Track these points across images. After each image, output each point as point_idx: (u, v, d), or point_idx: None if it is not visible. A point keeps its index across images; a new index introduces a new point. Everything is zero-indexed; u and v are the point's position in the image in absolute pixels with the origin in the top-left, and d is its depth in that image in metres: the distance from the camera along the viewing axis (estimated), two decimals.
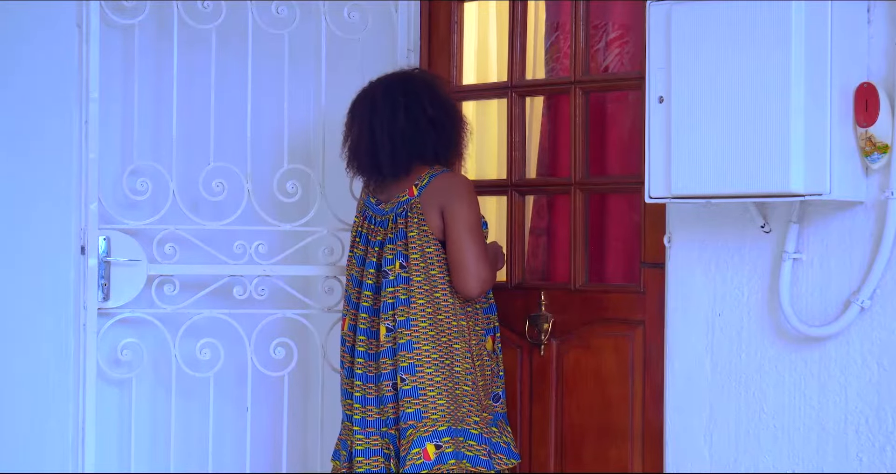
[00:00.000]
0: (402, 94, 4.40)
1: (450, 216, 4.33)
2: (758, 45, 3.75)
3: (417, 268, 4.34)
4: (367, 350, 4.40)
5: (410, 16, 4.97)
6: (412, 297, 4.33)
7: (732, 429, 4.14)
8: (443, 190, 4.36)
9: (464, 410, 4.32)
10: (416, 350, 4.30)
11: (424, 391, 4.29)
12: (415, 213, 4.37)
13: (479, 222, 4.38)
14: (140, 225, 4.67)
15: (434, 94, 4.44)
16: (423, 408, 4.29)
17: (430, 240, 4.35)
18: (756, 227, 4.09)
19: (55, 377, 4.54)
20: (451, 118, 4.46)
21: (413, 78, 4.47)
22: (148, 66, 4.77)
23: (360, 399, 4.40)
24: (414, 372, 4.29)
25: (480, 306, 4.46)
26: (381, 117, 4.39)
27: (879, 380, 3.87)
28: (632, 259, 4.64)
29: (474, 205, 4.37)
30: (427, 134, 4.39)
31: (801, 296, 4.01)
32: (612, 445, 4.49)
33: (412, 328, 4.31)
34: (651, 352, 4.39)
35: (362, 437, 4.39)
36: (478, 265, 4.31)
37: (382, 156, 4.38)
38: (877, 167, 3.83)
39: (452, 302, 4.35)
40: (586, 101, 4.65)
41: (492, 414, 4.42)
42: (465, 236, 4.32)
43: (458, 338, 4.34)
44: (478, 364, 4.39)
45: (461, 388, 4.32)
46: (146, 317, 4.67)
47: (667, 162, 3.95)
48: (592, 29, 4.69)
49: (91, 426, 4.52)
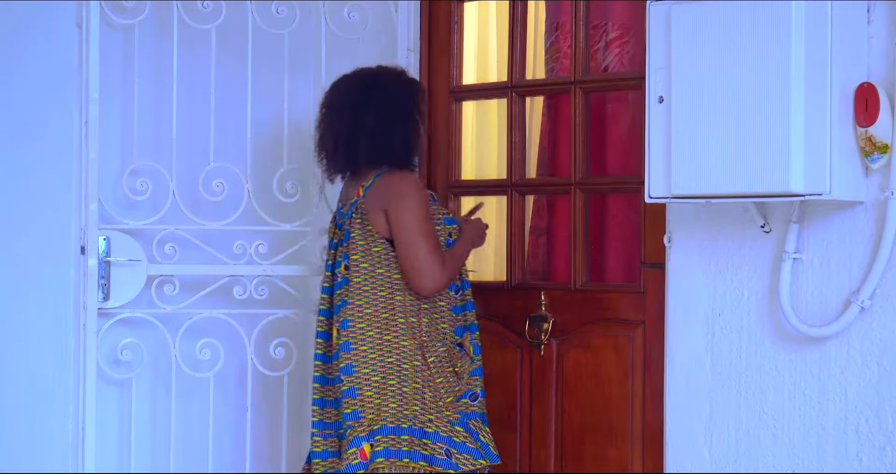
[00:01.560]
0: (355, 93, 4.37)
1: (393, 216, 4.28)
2: (758, 44, 3.76)
3: (358, 268, 4.31)
4: (325, 352, 4.40)
5: (410, 16, 4.97)
6: (350, 298, 4.30)
7: (732, 429, 4.14)
8: (385, 190, 4.31)
9: (415, 408, 4.25)
10: (353, 350, 4.27)
11: (361, 390, 4.24)
12: (359, 214, 4.33)
13: (426, 219, 4.28)
14: (140, 225, 4.67)
15: (387, 94, 4.36)
16: (361, 408, 4.24)
17: (377, 240, 4.31)
18: (756, 227, 4.09)
19: (55, 377, 4.54)
20: (403, 119, 4.37)
21: (370, 77, 4.42)
22: (148, 66, 4.77)
23: (318, 401, 4.39)
24: (351, 372, 4.26)
25: (447, 304, 4.40)
26: (331, 116, 4.39)
27: (879, 380, 3.87)
28: (632, 259, 4.64)
29: (418, 202, 4.28)
30: (377, 135, 4.33)
31: (801, 296, 4.01)
32: (612, 445, 4.49)
33: (349, 328, 4.28)
34: (651, 352, 4.39)
35: (320, 439, 4.38)
36: (427, 262, 4.25)
37: (328, 155, 4.40)
38: (877, 167, 3.83)
39: (402, 299, 4.29)
40: (586, 101, 4.65)
41: (459, 414, 4.34)
42: (411, 235, 4.25)
43: (406, 335, 4.28)
44: (431, 360, 4.31)
45: (410, 386, 4.26)
46: (146, 317, 4.67)
47: (667, 162, 3.95)
48: (592, 29, 4.69)
49: (91, 426, 4.51)
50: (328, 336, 4.40)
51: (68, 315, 4.54)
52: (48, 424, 4.55)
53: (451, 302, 4.42)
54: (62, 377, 4.53)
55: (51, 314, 4.56)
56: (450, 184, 4.96)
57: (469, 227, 4.48)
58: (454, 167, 4.97)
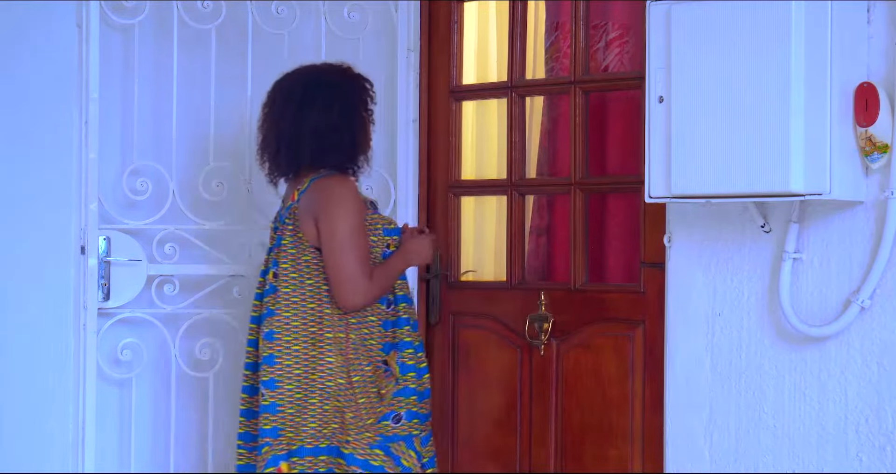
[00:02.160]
0: (299, 91, 4.17)
1: (323, 224, 4.09)
2: (758, 44, 3.75)
3: (287, 277, 4.13)
4: (255, 362, 4.22)
5: (410, 16, 4.97)
6: (278, 308, 4.12)
7: (732, 429, 4.14)
8: (318, 196, 4.12)
9: (334, 427, 4.08)
10: (277, 364, 4.09)
11: (283, 407, 4.08)
12: (291, 220, 4.16)
13: (356, 229, 4.08)
14: (140, 225, 4.67)
15: (333, 91, 4.17)
16: (281, 426, 4.08)
17: (307, 248, 4.13)
18: (756, 227, 4.09)
19: (55, 377, 4.54)
20: (350, 117, 4.19)
21: (314, 73, 4.24)
22: (148, 66, 4.77)
23: (245, 412, 4.27)
24: (273, 386, 4.08)
25: (377, 319, 4.19)
26: (274, 115, 4.20)
27: (879, 380, 3.87)
28: (632, 259, 4.64)
29: (350, 211, 4.09)
30: (323, 134, 4.14)
31: (801, 295, 4.01)
32: (612, 445, 4.48)
33: (274, 341, 4.10)
34: (651, 352, 4.39)
35: (244, 452, 4.27)
36: (353, 276, 4.05)
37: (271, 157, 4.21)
38: (877, 167, 3.83)
39: (330, 312, 4.11)
40: (586, 100, 4.65)
41: (379, 436, 4.11)
42: (338, 246, 4.06)
43: (333, 351, 4.09)
44: (356, 379, 4.10)
45: (331, 404, 4.08)
46: (146, 317, 4.68)
47: (667, 162, 3.95)
48: (592, 29, 4.69)
49: (91, 426, 4.52)
50: (258, 345, 4.21)
51: (68, 315, 4.54)
52: (48, 424, 4.55)
53: (382, 316, 4.21)
54: (62, 377, 4.53)
55: (51, 314, 4.56)
56: (450, 184, 4.96)
57: (411, 241, 4.26)
58: (454, 167, 4.97)
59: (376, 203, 4.37)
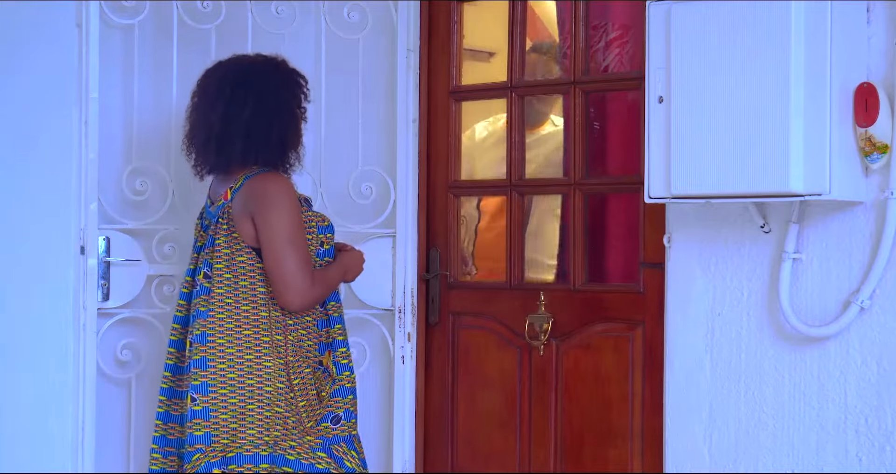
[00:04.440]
0: (230, 82, 4.06)
1: (261, 224, 3.97)
2: (758, 45, 3.75)
3: (221, 278, 4.02)
4: (177, 363, 4.16)
5: (410, 16, 4.97)
6: (210, 310, 4.00)
7: (732, 429, 4.14)
8: (254, 194, 4.00)
9: (276, 434, 3.97)
10: (210, 368, 3.97)
11: (217, 413, 3.95)
12: (225, 219, 4.04)
13: (296, 228, 3.98)
14: (140, 225, 4.67)
15: (264, 85, 4.06)
16: (214, 432, 3.95)
17: (242, 249, 4.02)
18: (756, 227, 4.09)
19: (55, 377, 4.54)
20: (280, 113, 4.07)
21: (247, 65, 4.12)
22: (148, 66, 4.77)
23: (162, 415, 4.18)
24: (206, 391, 3.96)
25: (313, 319, 4.11)
26: (204, 106, 4.08)
27: (879, 380, 3.87)
28: (632, 259, 4.64)
29: (288, 210, 3.98)
30: (252, 129, 4.03)
31: (801, 296, 4.01)
32: (611, 445, 4.49)
33: (207, 343, 3.98)
34: (651, 352, 4.39)
35: (159, 457, 4.18)
36: (296, 276, 3.94)
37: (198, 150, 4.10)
38: (876, 167, 3.83)
39: (267, 315, 4.00)
40: (586, 100, 4.65)
41: (320, 439, 4.04)
42: (278, 246, 3.94)
43: (271, 355, 3.98)
44: (296, 382, 4.01)
45: (272, 410, 3.96)
46: (146, 318, 4.68)
47: (666, 162, 3.95)
48: (592, 29, 4.69)
49: (91, 426, 4.52)
50: (182, 346, 4.13)
51: (68, 315, 4.54)
52: (48, 424, 4.55)
53: (317, 316, 4.13)
54: (62, 377, 4.53)
55: (51, 314, 4.56)
56: (450, 184, 4.96)
57: (346, 256, 4.21)
58: (454, 167, 4.97)
59: (311, 200, 4.29)
